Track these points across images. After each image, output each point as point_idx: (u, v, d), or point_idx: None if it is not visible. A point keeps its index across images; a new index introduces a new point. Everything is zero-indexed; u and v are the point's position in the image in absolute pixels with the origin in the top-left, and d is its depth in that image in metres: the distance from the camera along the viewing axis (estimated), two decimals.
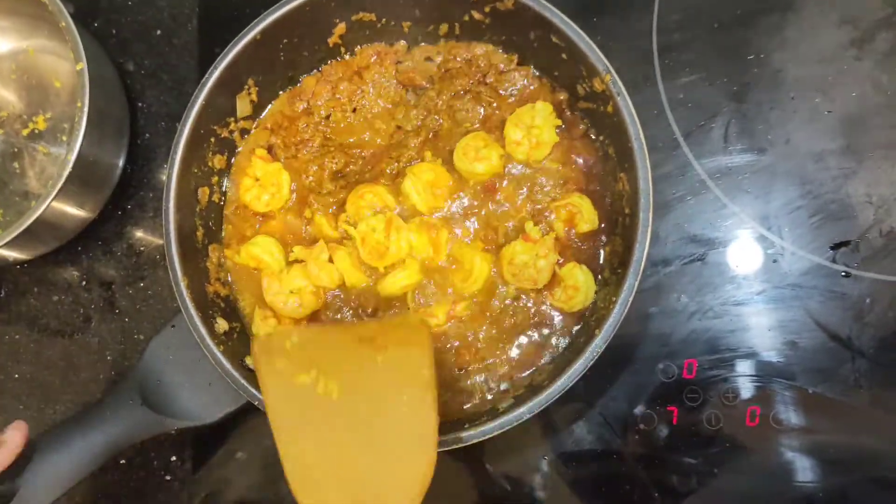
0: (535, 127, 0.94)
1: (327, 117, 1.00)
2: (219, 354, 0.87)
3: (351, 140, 1.00)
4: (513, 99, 0.98)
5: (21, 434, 0.81)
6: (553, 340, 0.93)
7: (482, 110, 0.98)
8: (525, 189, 0.95)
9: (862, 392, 0.94)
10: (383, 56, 1.01)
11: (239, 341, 0.92)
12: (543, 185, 0.95)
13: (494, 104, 0.98)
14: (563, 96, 0.96)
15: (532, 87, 0.98)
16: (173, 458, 1.04)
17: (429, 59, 1.01)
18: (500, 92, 0.98)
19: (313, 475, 0.74)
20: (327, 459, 0.75)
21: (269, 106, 1.02)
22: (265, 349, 0.79)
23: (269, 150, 1.00)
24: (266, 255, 0.95)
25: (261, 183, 0.97)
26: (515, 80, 0.98)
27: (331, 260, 0.95)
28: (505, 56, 0.99)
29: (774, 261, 0.97)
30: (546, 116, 0.94)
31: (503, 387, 0.93)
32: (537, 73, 0.98)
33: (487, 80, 0.99)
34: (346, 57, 1.02)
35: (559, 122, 0.95)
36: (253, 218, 0.99)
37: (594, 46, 0.88)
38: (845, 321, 0.95)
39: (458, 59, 0.99)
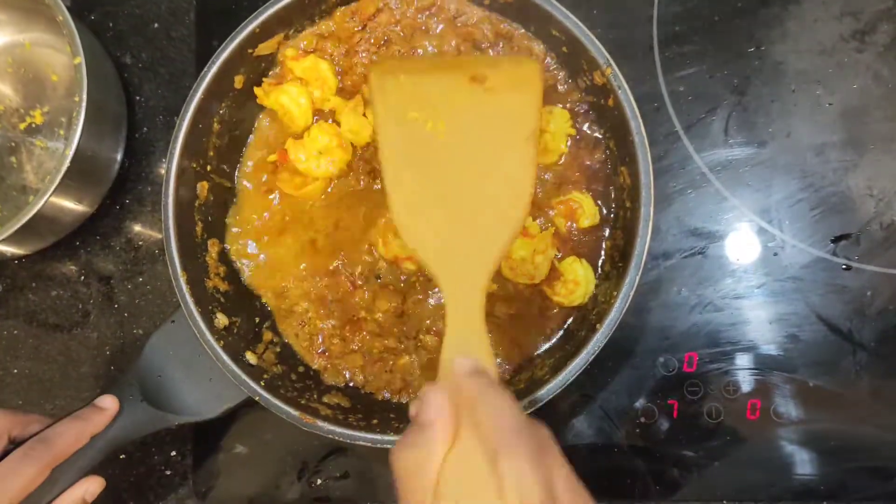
0: (548, 132, 0.93)
1: (384, 42, 0.98)
2: (219, 350, 0.87)
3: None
4: None
5: (115, 402, 0.87)
6: (553, 335, 0.93)
7: None
8: None
9: (863, 385, 0.94)
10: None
11: (239, 336, 0.92)
12: (545, 182, 0.95)
13: None
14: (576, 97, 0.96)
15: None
16: (173, 453, 1.04)
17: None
18: None
19: (414, 211, 0.76)
20: (428, 197, 0.76)
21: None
22: (381, 79, 0.83)
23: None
24: (293, 104, 0.95)
25: (305, 81, 0.96)
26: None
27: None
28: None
29: (775, 254, 0.97)
30: (561, 125, 0.93)
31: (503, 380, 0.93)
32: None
33: None
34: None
35: (573, 131, 0.94)
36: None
37: (595, 39, 0.87)
38: (846, 314, 0.95)
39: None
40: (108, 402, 0.86)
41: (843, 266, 0.96)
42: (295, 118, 0.96)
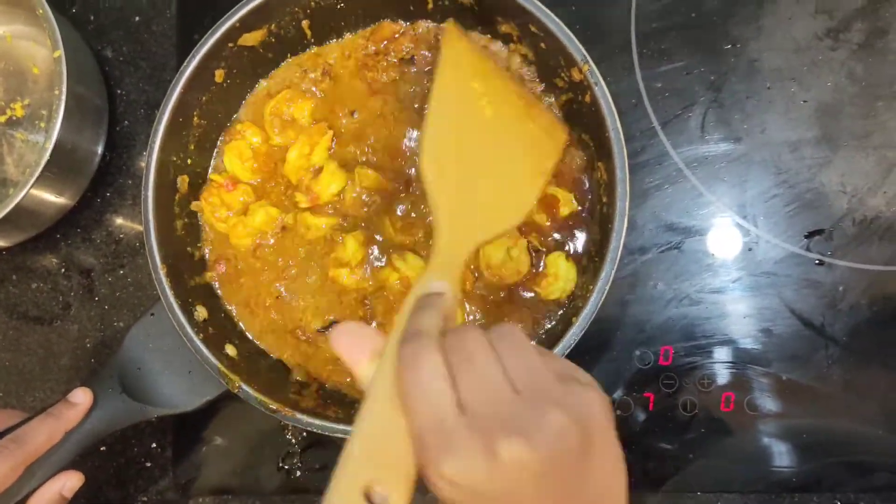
0: None
1: (409, 58, 1.00)
2: (198, 342, 0.87)
3: None
4: None
5: (88, 396, 0.87)
6: (532, 328, 0.94)
7: None
8: None
9: (835, 378, 0.96)
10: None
11: (219, 330, 0.93)
12: None
13: None
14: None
15: None
16: (153, 445, 1.04)
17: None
18: None
19: (443, 155, 0.76)
20: (459, 153, 0.77)
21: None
22: (457, 38, 0.87)
23: None
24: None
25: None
26: None
27: None
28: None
29: (750, 249, 0.98)
30: None
31: None
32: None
33: None
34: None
35: None
36: None
37: (572, 36, 0.88)
38: (819, 309, 0.96)
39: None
40: (80, 397, 0.86)
41: (817, 261, 0.97)
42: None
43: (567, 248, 0.94)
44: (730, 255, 0.99)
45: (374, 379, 0.55)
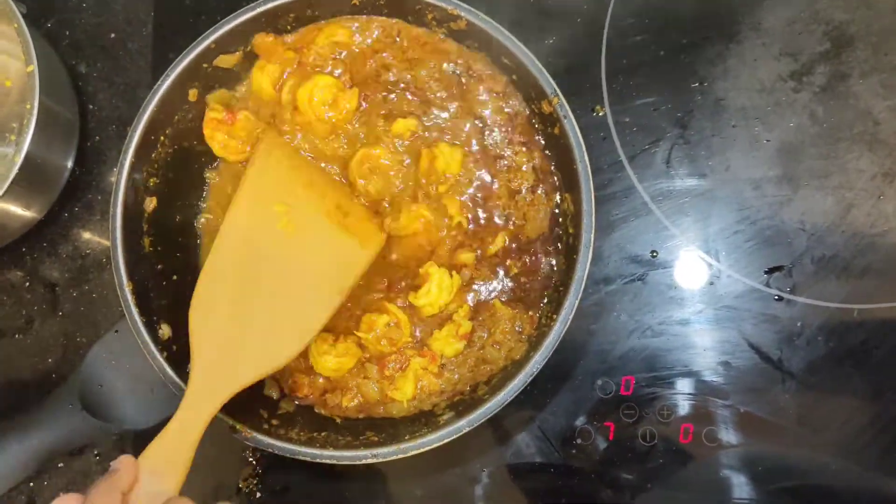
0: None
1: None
2: (161, 361, 0.87)
3: None
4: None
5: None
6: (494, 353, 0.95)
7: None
8: None
9: (790, 412, 0.97)
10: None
11: (183, 348, 0.92)
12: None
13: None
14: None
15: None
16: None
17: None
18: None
19: (217, 297, 0.78)
20: (240, 290, 0.80)
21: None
22: (271, 146, 0.88)
23: None
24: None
25: None
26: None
27: None
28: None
29: (711, 283, 1.00)
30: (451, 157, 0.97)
31: (443, 400, 0.94)
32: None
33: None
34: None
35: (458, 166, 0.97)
36: None
37: (543, 69, 0.90)
38: (776, 343, 0.98)
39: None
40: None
41: (776, 297, 0.99)
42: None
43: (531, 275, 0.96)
44: (692, 289, 1.00)
45: None
